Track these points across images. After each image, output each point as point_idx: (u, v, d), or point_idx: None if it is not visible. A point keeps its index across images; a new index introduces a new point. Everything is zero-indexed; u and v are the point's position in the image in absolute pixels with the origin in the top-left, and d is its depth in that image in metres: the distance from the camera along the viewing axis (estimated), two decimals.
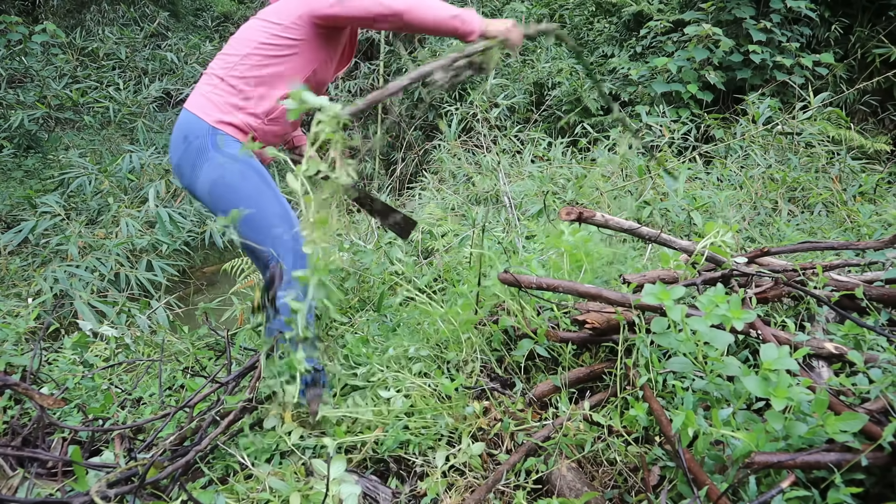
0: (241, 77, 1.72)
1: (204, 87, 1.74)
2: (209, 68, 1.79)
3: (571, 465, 1.28)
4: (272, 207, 1.74)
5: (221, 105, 1.71)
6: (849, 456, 1.03)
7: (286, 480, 1.19)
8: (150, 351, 2.24)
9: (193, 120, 1.72)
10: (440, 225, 3.26)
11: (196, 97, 1.75)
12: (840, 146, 4.29)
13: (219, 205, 1.73)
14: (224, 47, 1.81)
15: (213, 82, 1.73)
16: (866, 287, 1.62)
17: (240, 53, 1.73)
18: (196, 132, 1.69)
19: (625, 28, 6.88)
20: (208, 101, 1.72)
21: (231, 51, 1.76)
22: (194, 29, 10.03)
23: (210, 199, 1.73)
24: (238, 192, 1.70)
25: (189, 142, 1.70)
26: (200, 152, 1.69)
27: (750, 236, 3.07)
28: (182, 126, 1.73)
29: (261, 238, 1.75)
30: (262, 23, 1.74)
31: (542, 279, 1.62)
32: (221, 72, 1.73)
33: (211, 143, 1.68)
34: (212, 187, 1.70)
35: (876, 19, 5.69)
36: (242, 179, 1.70)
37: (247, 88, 1.73)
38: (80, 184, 4.45)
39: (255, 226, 1.73)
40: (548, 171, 4.18)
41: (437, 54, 6.88)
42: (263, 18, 1.76)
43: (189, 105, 1.75)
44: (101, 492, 1.03)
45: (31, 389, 1.20)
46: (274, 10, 1.74)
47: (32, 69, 5.85)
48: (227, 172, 1.69)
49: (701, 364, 1.23)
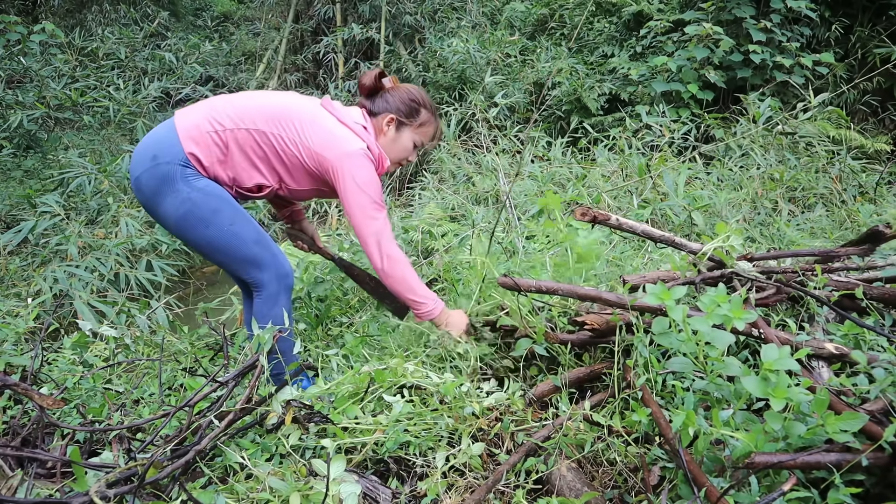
0: (239, 144, 1.66)
1: (202, 122, 1.65)
2: (218, 108, 1.68)
3: (571, 465, 1.28)
4: (248, 234, 1.70)
5: (206, 146, 1.65)
6: (849, 456, 1.03)
7: (286, 480, 1.19)
8: (150, 351, 2.24)
9: (172, 140, 1.63)
10: (440, 225, 3.26)
11: (189, 123, 1.66)
12: (840, 146, 4.29)
13: (188, 235, 1.68)
14: (247, 100, 1.71)
15: (214, 128, 1.65)
16: (866, 287, 1.62)
17: (254, 128, 1.66)
18: (168, 156, 1.62)
19: (625, 28, 6.88)
20: (198, 134, 1.64)
21: (249, 114, 1.67)
22: (194, 29, 10.03)
23: (178, 229, 1.68)
24: (211, 226, 1.65)
25: (157, 163, 1.61)
26: (166, 180, 1.61)
27: (750, 236, 3.07)
28: (157, 141, 1.65)
29: (241, 266, 1.73)
30: (296, 124, 1.68)
31: (543, 282, 1.61)
32: (230, 123, 1.66)
33: (180, 175, 1.61)
34: (179, 220, 1.65)
35: (876, 19, 5.69)
36: (214, 214, 1.65)
37: (236, 155, 1.67)
38: (80, 184, 4.44)
39: (234, 256, 1.71)
40: (548, 170, 4.18)
41: (436, 54, 6.88)
42: (297, 129, 1.67)
43: (179, 122, 1.66)
44: (100, 492, 1.03)
45: (31, 389, 1.20)
46: (314, 129, 1.68)
47: (32, 69, 5.84)
48: (196, 207, 1.63)
49: (701, 364, 1.23)
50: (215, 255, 1.73)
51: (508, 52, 6.90)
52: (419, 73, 7.13)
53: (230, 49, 9.38)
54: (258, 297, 1.76)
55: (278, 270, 1.75)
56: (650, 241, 1.85)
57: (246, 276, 1.75)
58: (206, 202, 1.64)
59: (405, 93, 1.82)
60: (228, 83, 8.57)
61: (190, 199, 1.62)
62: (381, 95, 1.82)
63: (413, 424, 1.39)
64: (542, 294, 1.65)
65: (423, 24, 7.63)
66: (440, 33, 7.44)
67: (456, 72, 6.62)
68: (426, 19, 7.67)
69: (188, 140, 1.63)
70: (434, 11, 7.79)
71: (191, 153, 1.63)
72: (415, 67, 7.22)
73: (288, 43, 8.34)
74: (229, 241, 1.68)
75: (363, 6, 7.53)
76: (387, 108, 1.80)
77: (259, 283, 1.75)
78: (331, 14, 7.88)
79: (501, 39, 6.98)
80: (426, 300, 1.74)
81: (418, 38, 7.72)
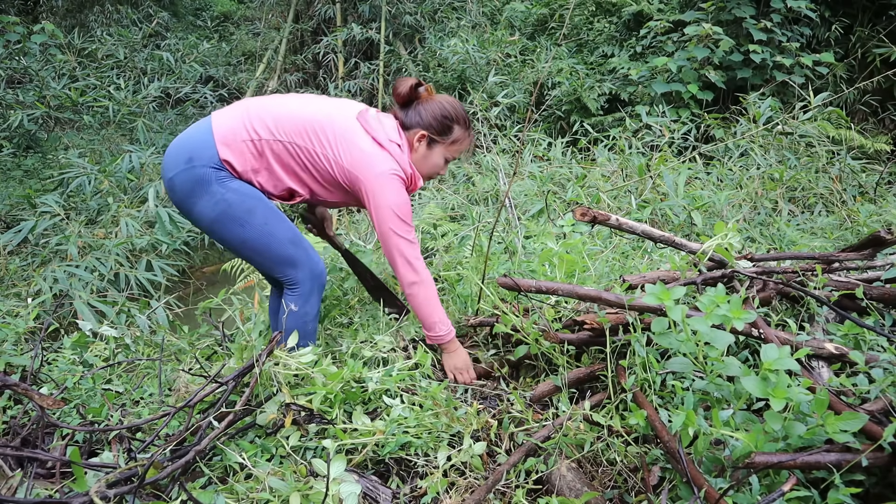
0: (274, 154, 1.66)
1: (239, 128, 1.64)
2: (255, 115, 1.66)
3: (571, 465, 1.28)
4: (283, 233, 1.72)
5: (240, 153, 1.65)
6: (849, 456, 1.03)
7: (286, 480, 1.19)
8: (150, 351, 2.24)
9: (208, 144, 1.63)
10: (440, 225, 3.26)
11: (226, 129, 1.65)
12: (840, 146, 4.29)
13: (223, 235, 1.70)
14: (284, 108, 1.69)
15: (250, 136, 1.64)
16: (866, 287, 1.62)
17: (288, 141, 1.65)
18: (203, 159, 1.62)
19: (625, 28, 6.89)
20: (234, 141, 1.64)
21: (285, 125, 1.66)
22: (194, 29, 10.03)
23: (212, 229, 1.69)
24: (246, 226, 1.67)
25: (192, 165, 1.62)
26: (200, 182, 1.63)
27: (750, 236, 3.07)
28: (193, 144, 1.65)
29: (276, 265, 1.75)
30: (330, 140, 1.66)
31: (542, 283, 1.61)
32: (266, 133, 1.65)
33: (214, 177, 1.63)
34: (214, 221, 1.66)
35: (876, 19, 5.70)
36: (250, 214, 1.66)
37: (270, 164, 1.68)
38: (80, 184, 4.44)
39: (269, 255, 1.73)
40: (547, 170, 4.18)
41: (436, 54, 6.88)
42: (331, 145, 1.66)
43: (216, 126, 1.65)
44: (100, 492, 1.03)
45: (31, 390, 1.20)
46: (348, 147, 1.66)
47: (32, 69, 5.84)
48: (231, 208, 1.64)
49: (701, 364, 1.23)
50: (250, 255, 1.75)
51: (508, 52, 6.90)
52: (419, 73, 7.13)
53: (230, 49, 9.39)
54: (291, 293, 1.77)
55: (312, 270, 1.76)
56: (650, 240, 1.86)
57: (281, 274, 1.77)
58: (241, 202, 1.65)
59: (438, 108, 1.76)
60: (228, 83, 8.58)
61: (224, 199, 1.63)
62: (415, 107, 1.77)
63: (413, 426, 1.39)
64: (542, 294, 1.65)
65: (423, 24, 7.63)
66: (440, 33, 7.45)
67: (456, 72, 6.62)
68: (426, 19, 7.67)
69: (223, 146, 1.64)
70: (434, 11, 7.79)
71: (225, 159, 1.64)
72: (415, 67, 7.22)
73: (288, 43, 8.34)
74: (264, 240, 1.70)
75: (363, 6, 7.53)
76: (419, 122, 1.75)
77: (293, 281, 1.76)
78: (331, 14, 7.89)
79: (501, 39, 6.98)
80: (443, 325, 1.74)
81: (418, 38, 7.72)
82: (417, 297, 1.72)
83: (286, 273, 1.75)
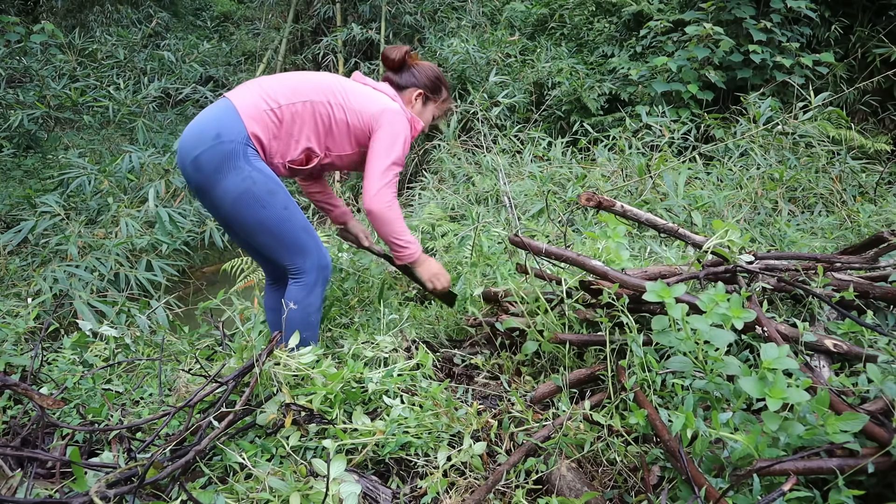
0: (293, 117, 1.75)
1: (259, 101, 1.73)
2: (270, 87, 1.76)
3: (571, 465, 1.28)
4: (298, 219, 1.79)
5: (264, 124, 1.72)
6: (852, 461, 1.03)
7: (286, 480, 1.19)
8: (150, 351, 2.24)
9: (234, 120, 1.69)
10: (440, 225, 3.26)
11: (248, 103, 1.72)
12: (840, 146, 4.29)
13: (243, 213, 1.73)
14: (294, 78, 1.80)
15: (270, 105, 1.73)
16: (869, 286, 1.61)
17: (307, 100, 1.76)
18: (231, 134, 1.67)
19: (625, 28, 6.88)
20: (257, 113, 1.71)
21: (300, 88, 1.76)
22: (194, 29, 10.03)
23: (233, 207, 1.72)
24: (266, 208, 1.72)
25: (221, 141, 1.66)
26: (229, 157, 1.66)
27: (750, 236, 3.07)
28: (219, 121, 1.69)
29: (286, 250, 1.80)
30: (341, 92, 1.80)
31: (551, 248, 1.62)
32: (284, 99, 1.74)
33: (242, 153, 1.68)
34: (237, 198, 1.69)
35: (876, 19, 5.69)
36: (271, 195, 1.72)
37: (289, 127, 1.76)
38: (80, 184, 4.44)
39: (283, 239, 1.78)
40: (548, 170, 4.17)
41: (436, 54, 6.88)
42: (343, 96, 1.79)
43: (237, 102, 1.72)
44: (100, 492, 1.03)
45: (31, 390, 1.20)
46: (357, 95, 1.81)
47: (32, 69, 5.84)
48: (255, 185, 1.69)
49: (701, 363, 1.23)
50: (264, 237, 1.78)
51: (508, 52, 6.90)
52: None
53: (230, 49, 9.38)
54: (296, 282, 1.83)
55: (320, 261, 1.83)
56: (654, 229, 1.85)
57: (289, 261, 1.81)
58: (265, 182, 1.71)
59: (430, 70, 2.00)
60: (228, 83, 8.57)
61: (251, 177, 1.68)
62: (408, 70, 1.97)
63: (414, 426, 1.39)
64: (551, 259, 1.68)
65: (423, 24, 7.63)
66: (440, 33, 7.44)
67: (456, 72, 6.62)
68: (426, 19, 7.67)
69: (249, 119, 1.70)
70: (434, 11, 7.79)
71: (253, 133, 1.70)
72: None
73: (288, 43, 8.34)
74: (281, 223, 1.75)
75: (363, 6, 7.53)
76: (414, 82, 1.97)
77: (300, 269, 1.82)
78: (331, 14, 7.89)
79: (501, 39, 6.98)
80: (410, 244, 1.91)
81: (418, 38, 7.71)
82: (384, 218, 1.82)
83: (295, 261, 1.80)
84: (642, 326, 1.52)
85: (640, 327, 1.46)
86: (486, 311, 2.06)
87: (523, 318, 1.72)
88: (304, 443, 1.36)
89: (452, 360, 1.89)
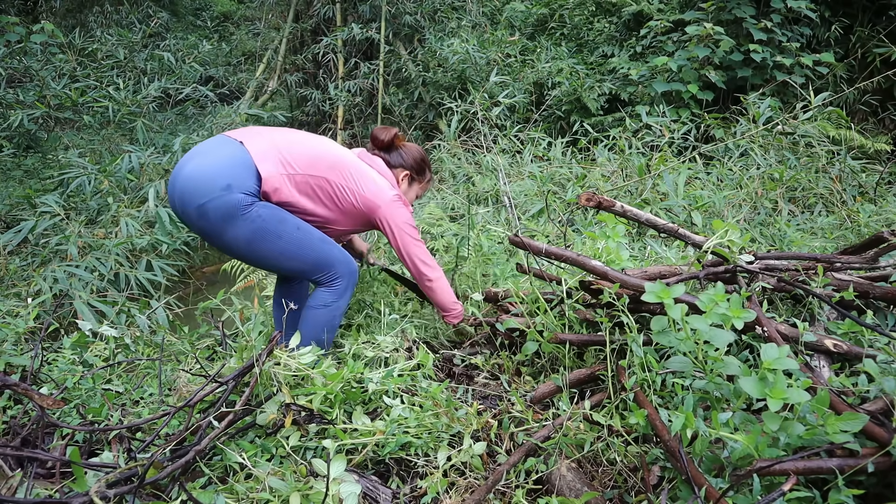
0: (308, 185, 1.79)
1: (278, 165, 1.74)
2: (285, 151, 1.77)
3: (571, 465, 1.28)
4: (314, 234, 1.82)
5: (278, 184, 1.74)
6: (851, 461, 1.03)
7: (286, 480, 1.19)
8: (150, 351, 2.24)
9: (249, 174, 1.69)
10: (440, 225, 3.26)
11: (268, 165, 1.72)
12: (840, 146, 4.29)
13: (260, 252, 1.75)
14: (307, 147, 1.82)
15: (287, 171, 1.75)
16: (870, 286, 1.61)
17: (321, 175, 1.80)
18: (243, 188, 1.67)
19: (625, 28, 6.89)
20: (276, 176, 1.73)
21: (316, 162, 1.80)
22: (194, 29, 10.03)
23: (250, 248, 1.73)
24: (283, 237, 1.74)
25: (231, 192, 1.65)
26: (238, 206, 1.66)
27: (750, 236, 3.07)
28: (233, 170, 1.67)
29: (314, 267, 1.83)
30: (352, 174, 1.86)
31: (551, 248, 1.62)
32: (301, 168, 1.77)
33: (248, 202, 1.68)
34: (251, 240, 1.71)
35: (876, 19, 5.69)
36: (282, 223, 1.74)
37: (299, 193, 1.79)
38: (80, 184, 4.44)
39: (307, 259, 1.81)
40: (548, 170, 4.17)
41: (436, 54, 6.88)
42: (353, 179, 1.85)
43: (256, 157, 1.71)
44: (100, 492, 1.03)
45: (31, 390, 1.20)
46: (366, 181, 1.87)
47: (32, 69, 5.84)
48: (266, 222, 1.71)
49: (701, 363, 1.23)
50: (289, 264, 1.80)
51: (508, 52, 6.90)
52: (419, 73, 7.13)
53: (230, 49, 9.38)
54: (329, 289, 1.87)
55: (349, 266, 1.89)
56: (654, 229, 1.85)
57: (320, 274, 1.85)
58: (273, 215, 1.73)
59: (416, 152, 2.11)
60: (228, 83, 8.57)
61: (259, 216, 1.70)
62: (397, 151, 2.08)
63: (414, 426, 1.39)
64: (551, 259, 1.68)
65: (423, 24, 7.62)
66: (440, 33, 7.44)
67: (456, 72, 6.61)
68: (426, 19, 7.66)
69: (267, 181, 1.72)
70: (434, 11, 7.78)
71: (265, 191, 1.73)
72: (415, 67, 7.22)
73: (288, 43, 8.33)
74: (301, 246, 1.78)
75: (363, 6, 7.52)
76: (402, 164, 2.08)
77: (334, 276, 1.86)
78: (331, 14, 7.88)
79: (501, 39, 6.98)
80: (457, 307, 2.03)
81: (418, 38, 7.71)
82: (437, 287, 1.98)
83: (325, 271, 1.85)
84: (642, 326, 1.52)
85: (640, 327, 1.46)
86: (486, 312, 2.07)
87: (523, 319, 1.72)
88: (304, 443, 1.36)
89: (452, 361, 1.89)
